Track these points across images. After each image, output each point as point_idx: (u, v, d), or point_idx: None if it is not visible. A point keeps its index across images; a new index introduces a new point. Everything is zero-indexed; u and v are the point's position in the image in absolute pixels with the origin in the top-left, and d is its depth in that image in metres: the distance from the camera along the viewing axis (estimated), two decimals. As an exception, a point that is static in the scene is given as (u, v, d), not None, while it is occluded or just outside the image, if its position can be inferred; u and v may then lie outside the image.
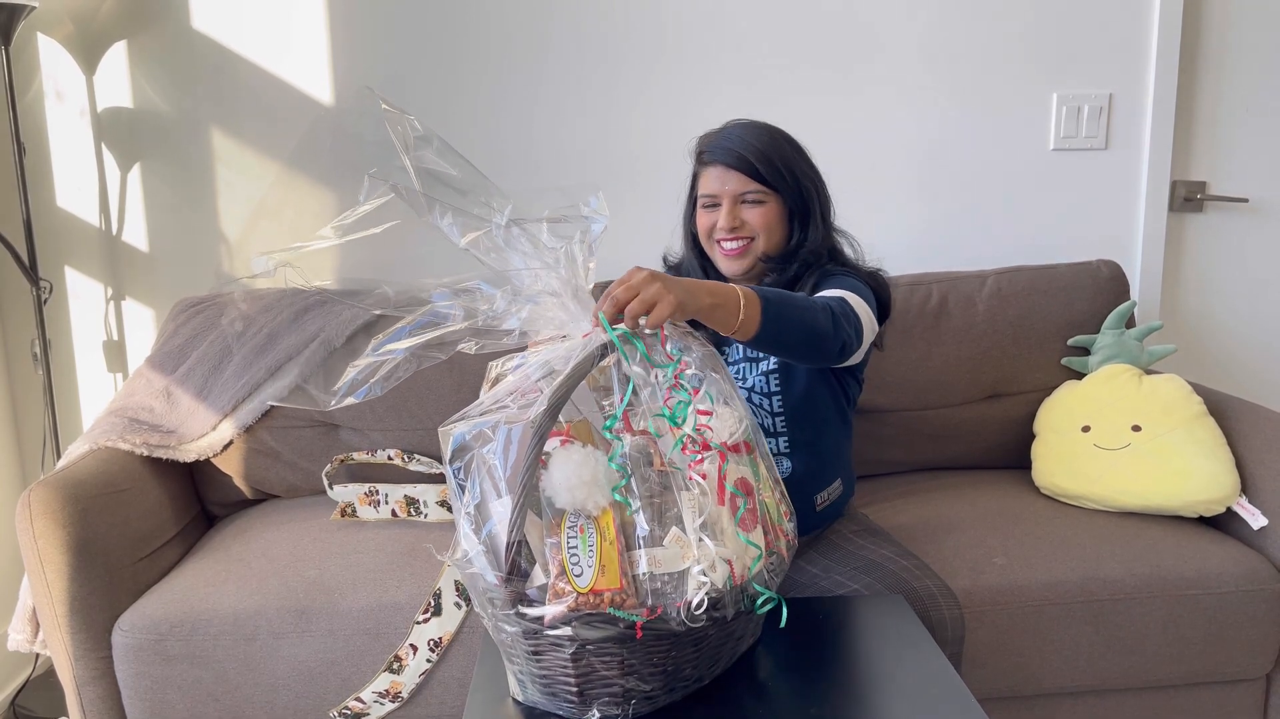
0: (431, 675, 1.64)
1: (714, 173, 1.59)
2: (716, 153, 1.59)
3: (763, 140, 1.58)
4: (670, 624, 1.01)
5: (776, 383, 1.59)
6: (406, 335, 1.11)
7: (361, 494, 1.95)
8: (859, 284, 1.55)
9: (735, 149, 1.57)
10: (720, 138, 1.61)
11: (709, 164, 1.60)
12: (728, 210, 1.58)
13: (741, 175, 1.57)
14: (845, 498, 1.71)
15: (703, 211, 1.63)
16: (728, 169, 1.57)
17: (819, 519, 1.65)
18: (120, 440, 1.89)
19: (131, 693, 1.66)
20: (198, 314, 2.14)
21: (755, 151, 1.56)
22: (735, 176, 1.57)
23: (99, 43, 2.24)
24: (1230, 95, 2.40)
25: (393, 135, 1.09)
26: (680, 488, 1.05)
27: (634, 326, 1.10)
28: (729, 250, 1.60)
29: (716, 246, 1.62)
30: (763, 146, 1.57)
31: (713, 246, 1.63)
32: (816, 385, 1.60)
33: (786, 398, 1.59)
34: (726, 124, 1.64)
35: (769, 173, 1.56)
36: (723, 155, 1.58)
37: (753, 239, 1.59)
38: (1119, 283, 2.20)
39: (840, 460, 1.69)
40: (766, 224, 1.58)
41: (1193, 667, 1.70)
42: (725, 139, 1.59)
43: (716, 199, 1.59)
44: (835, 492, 1.66)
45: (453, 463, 1.06)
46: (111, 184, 2.31)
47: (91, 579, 1.65)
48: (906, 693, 1.13)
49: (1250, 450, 1.85)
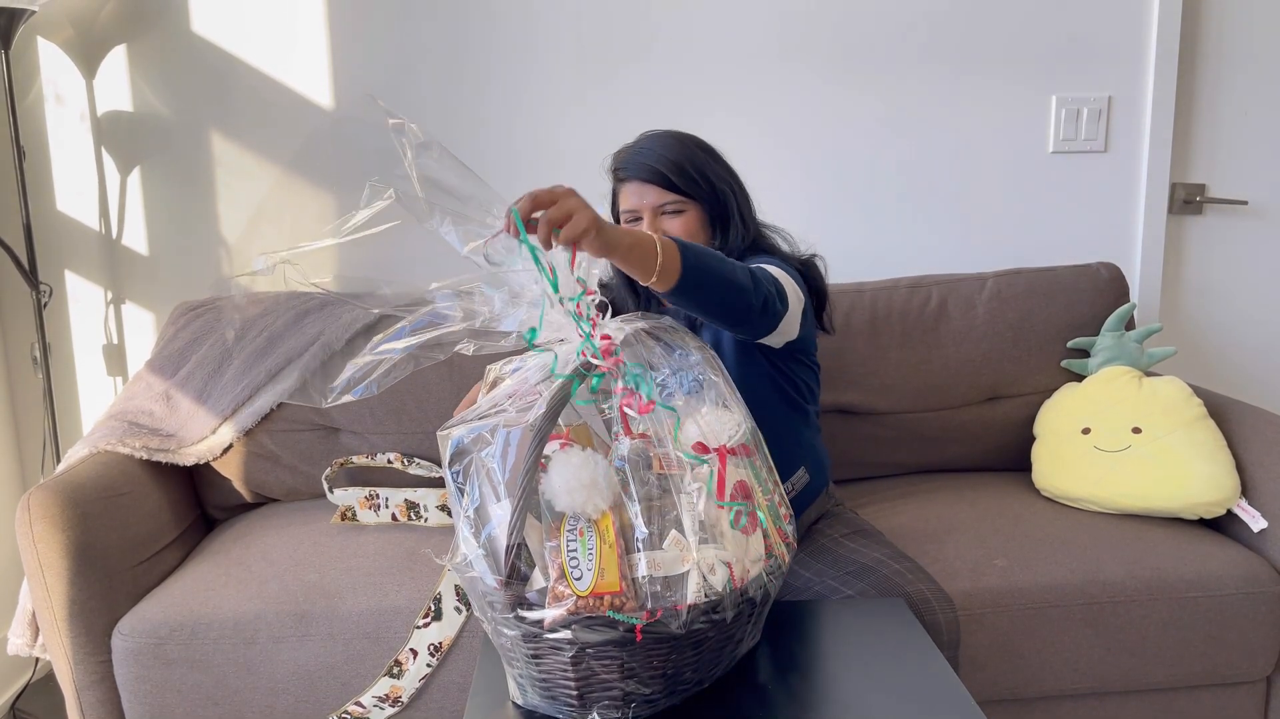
0: (431, 680, 1.64)
1: (631, 188, 1.61)
2: (631, 168, 1.61)
3: (674, 150, 1.60)
4: (670, 627, 1.01)
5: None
6: (405, 335, 1.11)
7: (362, 498, 1.95)
8: (779, 263, 1.56)
9: (648, 163, 1.59)
10: (633, 153, 1.62)
11: (625, 180, 1.62)
12: (649, 224, 1.59)
13: (658, 188, 1.59)
14: (819, 487, 1.70)
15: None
16: (644, 183, 1.59)
17: (796, 505, 1.62)
18: (120, 444, 1.89)
19: (131, 697, 1.65)
20: (197, 318, 2.15)
21: (668, 163, 1.58)
22: (652, 190, 1.59)
23: (99, 46, 2.25)
24: (1229, 97, 2.41)
25: (394, 141, 1.09)
26: (679, 491, 1.05)
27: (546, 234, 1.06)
28: None
29: None
30: (675, 157, 1.59)
31: None
32: (747, 370, 1.57)
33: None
34: (639, 137, 1.66)
35: (684, 182, 1.58)
36: (637, 170, 1.60)
37: None
38: (1119, 285, 2.20)
39: (800, 448, 1.66)
40: (688, 232, 1.60)
41: (1193, 669, 1.70)
42: (638, 154, 1.61)
43: (637, 213, 1.61)
44: (801, 480, 1.64)
45: (451, 466, 1.06)
46: (111, 188, 2.31)
47: (91, 583, 1.65)
48: (906, 696, 1.13)
49: (1250, 453, 1.85)
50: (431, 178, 1.10)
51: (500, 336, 1.13)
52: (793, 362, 1.63)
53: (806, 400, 1.68)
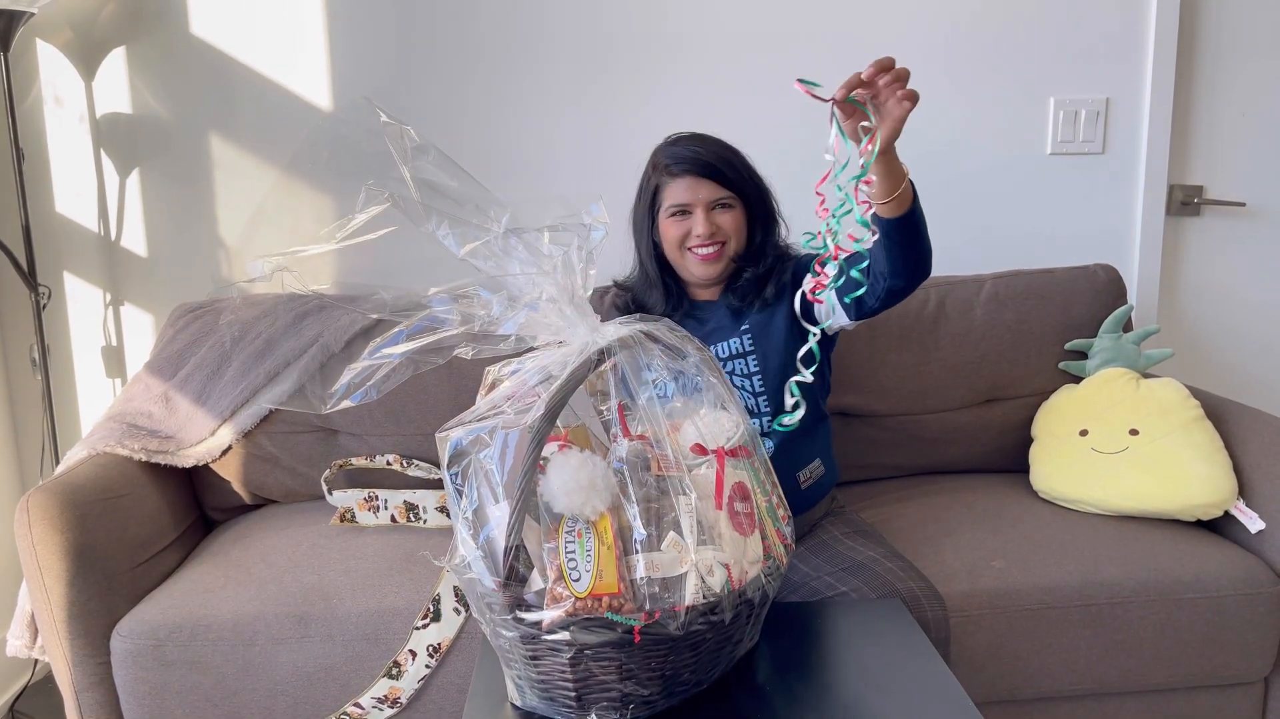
0: (430, 681, 1.64)
1: (685, 183, 1.64)
2: (686, 163, 1.64)
3: (721, 149, 1.66)
4: (668, 628, 1.01)
5: (755, 364, 1.65)
6: (403, 340, 1.11)
7: (361, 499, 1.95)
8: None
9: (703, 158, 1.63)
10: (684, 149, 1.66)
11: (678, 175, 1.65)
12: (703, 217, 1.63)
13: (713, 183, 1.63)
14: (830, 481, 1.76)
15: (671, 221, 1.67)
16: (699, 178, 1.63)
17: (807, 499, 1.70)
18: (119, 446, 1.89)
19: (130, 698, 1.65)
20: (196, 319, 2.15)
21: (721, 160, 1.64)
22: (707, 185, 1.63)
23: (98, 48, 2.25)
24: (1227, 99, 2.41)
25: (390, 145, 1.10)
26: (678, 492, 1.06)
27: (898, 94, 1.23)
28: (705, 255, 1.66)
29: (689, 254, 1.67)
30: (724, 155, 1.65)
31: (683, 255, 1.68)
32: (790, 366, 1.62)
33: (766, 380, 1.65)
34: (677, 136, 1.70)
35: (735, 178, 1.64)
36: (692, 165, 1.63)
37: (725, 243, 1.66)
38: (1116, 287, 2.20)
39: (819, 442, 1.75)
40: (737, 227, 1.67)
41: (1191, 670, 1.71)
42: (689, 150, 1.65)
43: (688, 207, 1.64)
44: (817, 471, 1.71)
45: (450, 468, 1.06)
46: (110, 189, 2.31)
47: (90, 585, 1.65)
48: (904, 697, 1.13)
49: (1248, 454, 1.85)
50: (428, 181, 1.10)
51: (499, 340, 1.13)
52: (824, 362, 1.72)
53: (823, 401, 1.77)
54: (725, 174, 1.63)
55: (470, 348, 1.12)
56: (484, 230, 1.10)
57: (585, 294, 1.14)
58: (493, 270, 1.13)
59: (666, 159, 1.67)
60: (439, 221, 1.10)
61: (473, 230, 1.11)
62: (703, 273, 1.68)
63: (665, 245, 1.70)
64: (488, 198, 1.11)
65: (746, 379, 1.66)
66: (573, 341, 1.11)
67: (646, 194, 1.71)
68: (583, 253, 1.15)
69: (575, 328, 1.11)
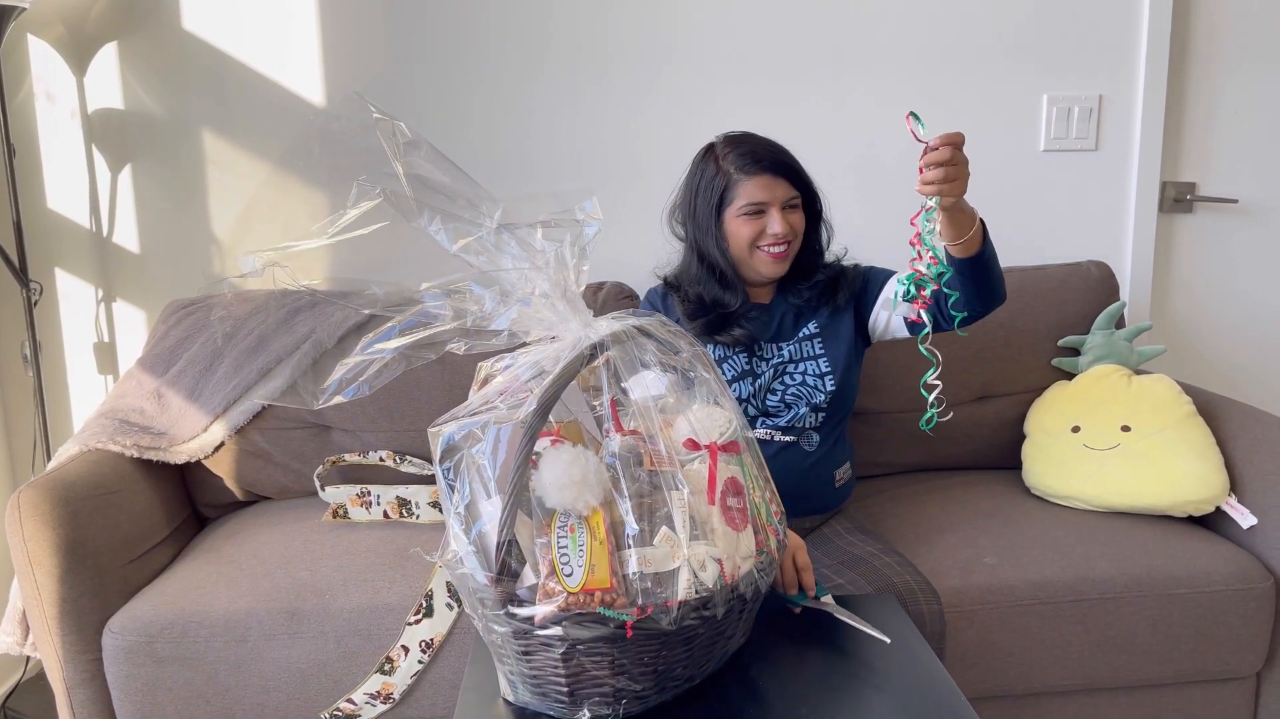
0: (423, 677, 1.64)
1: (763, 181, 1.63)
2: (765, 163, 1.63)
3: (782, 149, 1.67)
4: (660, 623, 1.01)
5: (827, 364, 1.70)
6: (395, 335, 1.11)
7: (353, 495, 1.94)
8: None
9: (780, 158, 1.65)
10: (758, 147, 1.66)
11: (756, 173, 1.63)
12: (780, 217, 1.64)
13: (786, 183, 1.64)
14: (852, 486, 1.82)
15: (745, 219, 1.65)
16: (775, 177, 1.64)
17: (839, 496, 1.77)
18: (111, 442, 1.89)
19: (122, 695, 1.65)
20: (188, 316, 2.14)
21: (791, 160, 1.66)
22: (782, 184, 1.64)
23: (90, 44, 2.24)
24: (1220, 96, 2.42)
25: (382, 140, 1.09)
26: (670, 487, 1.06)
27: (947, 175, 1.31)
28: (777, 254, 1.66)
29: (759, 253, 1.67)
30: (788, 155, 1.67)
31: (753, 253, 1.67)
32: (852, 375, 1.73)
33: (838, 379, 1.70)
34: (740, 135, 1.69)
35: (803, 178, 1.67)
36: (771, 165, 1.63)
37: (791, 242, 1.67)
38: (1109, 284, 2.20)
39: (850, 449, 1.81)
40: (803, 227, 1.70)
41: (1183, 666, 1.71)
42: (763, 149, 1.65)
43: (762, 205, 1.64)
44: (846, 473, 1.77)
45: (442, 463, 1.06)
46: (102, 185, 2.30)
47: (82, 581, 1.65)
48: (897, 691, 1.13)
49: (1239, 450, 1.86)
50: (420, 177, 1.10)
51: (491, 335, 1.13)
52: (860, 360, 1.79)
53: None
54: (798, 174, 1.65)
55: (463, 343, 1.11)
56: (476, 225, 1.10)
57: (578, 289, 1.14)
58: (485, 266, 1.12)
59: (738, 157, 1.65)
60: (431, 217, 1.10)
61: (465, 225, 1.11)
62: (771, 271, 1.68)
63: (732, 243, 1.67)
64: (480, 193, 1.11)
65: (819, 379, 1.69)
66: (565, 337, 1.10)
67: (711, 192, 1.67)
68: (576, 248, 1.15)
69: (568, 323, 1.11)
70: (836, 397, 1.70)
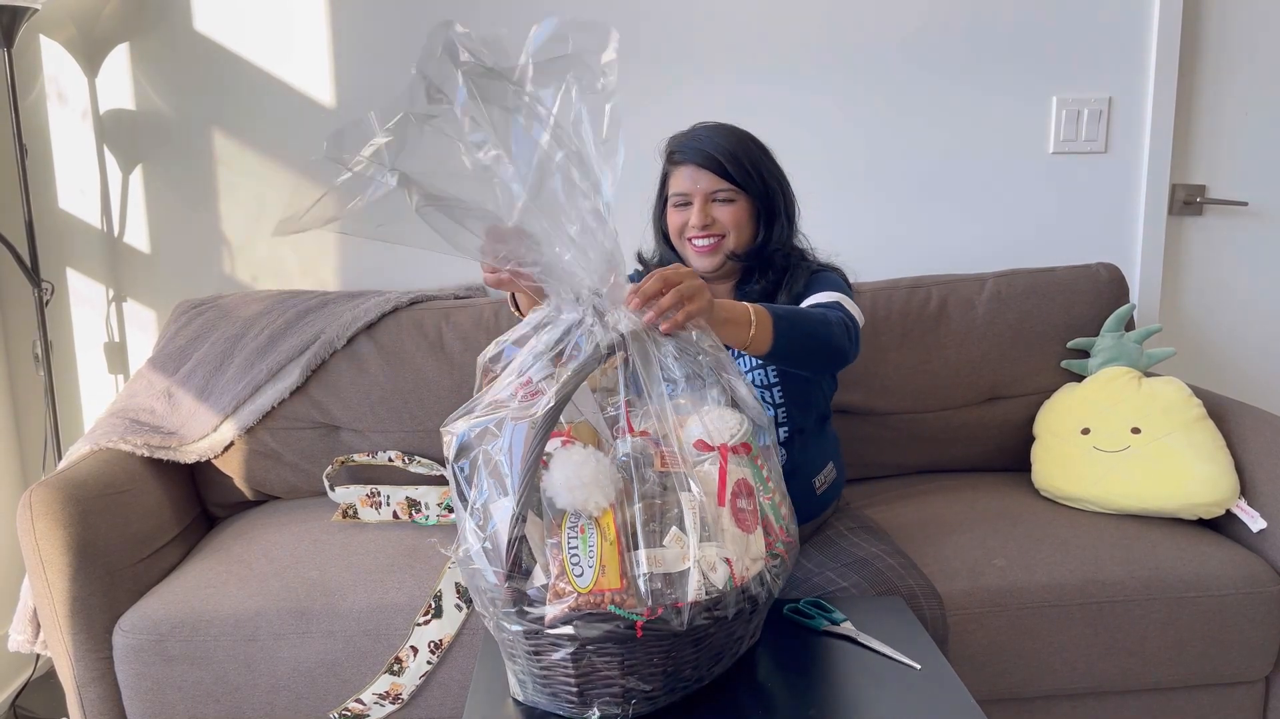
0: (431, 677, 1.64)
1: (686, 172, 1.63)
2: (688, 153, 1.63)
3: (731, 141, 1.63)
4: (670, 624, 1.01)
5: (775, 374, 1.64)
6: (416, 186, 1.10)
7: (363, 496, 1.95)
8: (842, 284, 1.63)
9: (706, 149, 1.61)
10: (691, 138, 1.65)
11: (680, 164, 1.64)
12: (699, 208, 1.62)
13: (712, 175, 1.61)
14: (840, 484, 1.78)
15: (674, 210, 1.66)
16: (699, 168, 1.62)
17: (820, 503, 1.71)
18: (121, 441, 1.89)
19: (132, 693, 1.66)
20: (199, 315, 2.15)
21: (725, 152, 1.61)
22: (706, 176, 1.62)
23: (101, 45, 2.25)
24: (1230, 98, 2.41)
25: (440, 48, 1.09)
26: (681, 488, 1.06)
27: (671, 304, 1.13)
28: (700, 248, 1.64)
29: (688, 244, 1.66)
30: (731, 147, 1.62)
31: (684, 244, 1.67)
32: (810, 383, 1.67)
33: (786, 389, 1.64)
34: (695, 125, 1.68)
35: (738, 172, 1.61)
36: (694, 155, 1.62)
37: (723, 236, 1.64)
38: (1118, 286, 2.20)
39: (830, 446, 1.76)
40: (736, 222, 1.63)
41: (1192, 669, 1.71)
42: (696, 140, 1.64)
43: (688, 197, 1.63)
44: (830, 475, 1.73)
45: (457, 460, 1.06)
46: (113, 185, 2.31)
47: (92, 580, 1.65)
48: (906, 695, 1.13)
49: (1249, 453, 1.85)
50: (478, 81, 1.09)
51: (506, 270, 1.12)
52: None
53: (829, 402, 1.77)
54: (726, 167, 1.60)
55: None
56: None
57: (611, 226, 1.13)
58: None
59: (673, 147, 1.66)
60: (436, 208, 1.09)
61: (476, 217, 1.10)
62: (699, 264, 1.65)
63: (671, 233, 1.68)
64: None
65: (766, 390, 1.63)
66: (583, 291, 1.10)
67: (659, 182, 1.71)
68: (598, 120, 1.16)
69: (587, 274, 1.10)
70: (791, 408, 1.64)
